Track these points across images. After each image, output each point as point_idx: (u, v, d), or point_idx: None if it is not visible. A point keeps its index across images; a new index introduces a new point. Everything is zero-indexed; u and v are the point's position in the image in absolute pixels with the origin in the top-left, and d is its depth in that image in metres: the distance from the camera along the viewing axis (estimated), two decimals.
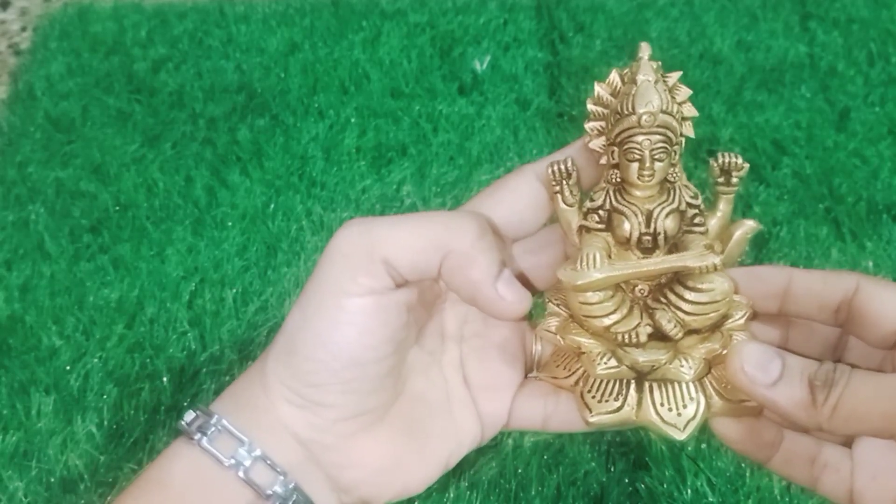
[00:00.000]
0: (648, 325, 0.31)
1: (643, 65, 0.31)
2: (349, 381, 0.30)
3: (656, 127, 0.30)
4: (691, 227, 0.32)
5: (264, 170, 0.71)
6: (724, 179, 0.33)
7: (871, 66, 0.79)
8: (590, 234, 0.32)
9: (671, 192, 0.32)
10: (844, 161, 0.71)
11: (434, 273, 0.30)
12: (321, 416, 0.30)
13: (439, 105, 0.76)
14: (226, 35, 0.83)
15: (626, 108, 0.30)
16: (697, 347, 0.32)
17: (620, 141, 0.31)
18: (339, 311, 0.29)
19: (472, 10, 0.85)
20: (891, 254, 0.64)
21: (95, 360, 0.59)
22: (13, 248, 0.66)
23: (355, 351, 0.29)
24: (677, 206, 0.32)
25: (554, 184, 0.32)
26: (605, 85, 0.32)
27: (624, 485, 0.53)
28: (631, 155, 0.30)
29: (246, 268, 0.64)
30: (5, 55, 0.86)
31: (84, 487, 0.53)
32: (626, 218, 0.31)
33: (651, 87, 0.31)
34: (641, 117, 0.30)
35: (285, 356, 0.30)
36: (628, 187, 0.31)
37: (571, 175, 0.32)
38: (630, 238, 0.31)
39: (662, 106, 0.30)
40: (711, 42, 0.81)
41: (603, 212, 0.32)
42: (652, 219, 0.31)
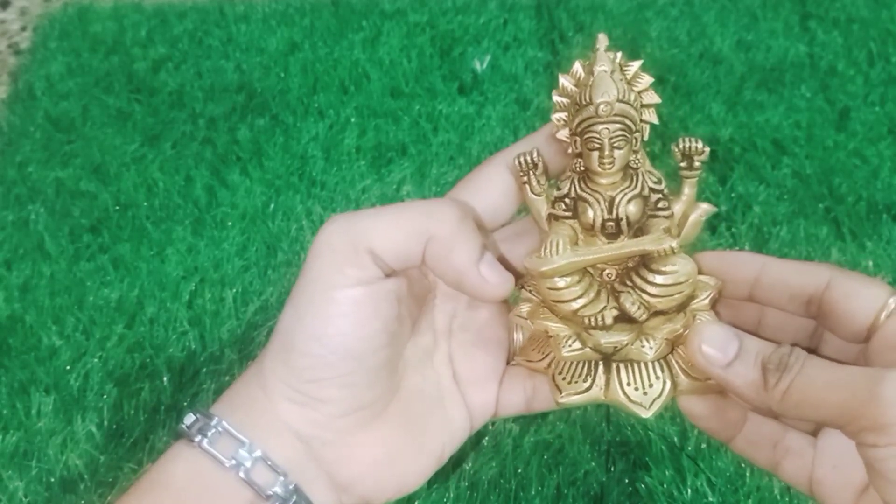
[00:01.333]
0: (614, 308, 0.32)
1: (600, 56, 0.32)
2: (347, 375, 0.30)
3: (614, 116, 0.31)
4: (655, 211, 0.33)
5: (264, 169, 0.71)
6: (686, 164, 0.34)
7: (870, 66, 0.79)
8: (557, 222, 0.33)
9: (634, 178, 0.33)
10: (844, 161, 0.71)
11: (418, 260, 0.31)
12: (321, 412, 0.30)
13: (439, 105, 0.76)
14: (226, 35, 0.83)
15: (584, 99, 0.31)
16: (660, 328, 0.33)
17: (581, 131, 0.32)
18: (331, 303, 0.30)
19: (472, 10, 0.85)
20: (891, 253, 0.64)
21: (95, 359, 0.59)
22: (13, 248, 0.66)
23: (350, 342, 0.30)
24: (640, 191, 0.33)
25: (521, 174, 0.33)
26: (569, 76, 0.33)
27: (624, 485, 0.53)
28: (591, 144, 0.31)
29: (246, 267, 0.64)
30: (5, 55, 0.86)
31: (84, 487, 0.53)
32: (590, 205, 0.32)
33: (607, 78, 0.31)
34: (599, 107, 0.31)
35: (282, 354, 0.30)
36: (591, 175, 0.32)
37: (537, 165, 0.33)
38: (594, 224, 0.32)
39: (619, 95, 0.31)
40: (711, 42, 0.81)
41: (569, 200, 0.33)
42: (614, 205, 0.32)
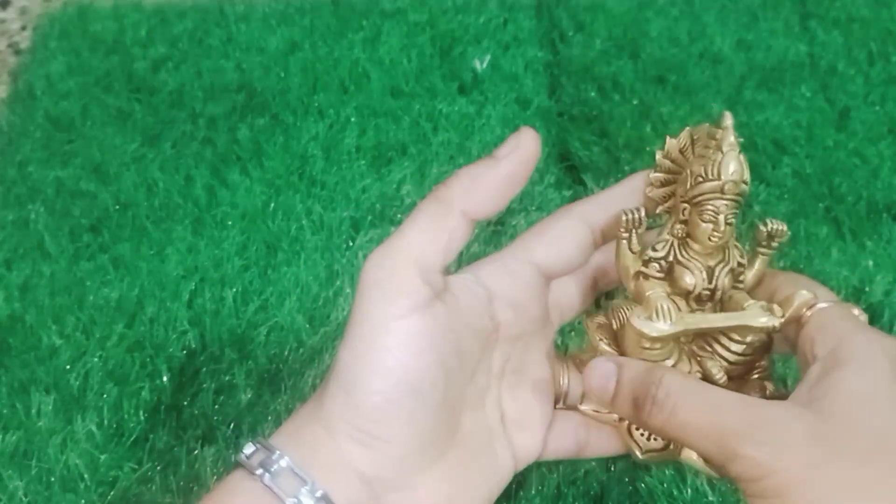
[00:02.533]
0: (698, 371, 0.34)
1: (730, 133, 0.33)
2: (410, 411, 0.30)
3: (735, 194, 0.33)
4: (736, 283, 0.35)
5: (264, 169, 0.71)
6: (766, 243, 0.35)
7: (871, 66, 0.79)
8: (648, 282, 0.34)
9: (726, 252, 0.34)
10: (844, 160, 0.71)
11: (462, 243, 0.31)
12: (385, 453, 0.30)
13: (439, 104, 0.76)
14: (226, 34, 0.83)
15: (710, 174, 0.32)
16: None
17: (697, 202, 0.33)
18: (388, 336, 0.29)
19: (472, 10, 0.85)
20: (891, 253, 0.64)
21: (95, 359, 0.59)
22: (13, 248, 0.66)
23: (411, 374, 0.29)
24: (732, 264, 0.34)
25: (623, 231, 0.34)
26: (677, 141, 0.35)
27: (624, 484, 0.53)
28: (706, 216, 0.33)
29: (246, 267, 0.64)
30: (5, 54, 0.86)
31: (84, 487, 0.53)
32: (691, 272, 0.34)
33: (736, 157, 0.32)
34: (726, 185, 0.32)
35: (343, 394, 0.30)
36: (692, 243, 0.34)
37: (642, 224, 0.34)
38: (692, 291, 0.34)
39: (744, 176, 0.33)
40: (711, 41, 0.81)
41: (665, 262, 0.34)
42: (714, 276, 0.34)
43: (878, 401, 0.27)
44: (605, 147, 0.72)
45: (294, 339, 0.60)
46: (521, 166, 0.33)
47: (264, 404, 0.57)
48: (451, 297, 0.32)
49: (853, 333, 0.30)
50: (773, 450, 0.27)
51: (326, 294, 0.63)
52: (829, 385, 0.28)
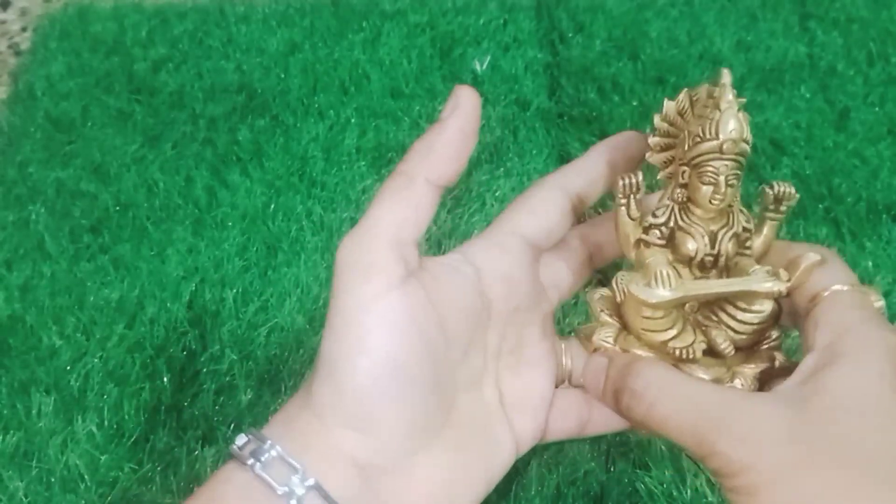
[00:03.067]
0: (703, 342, 0.32)
1: (727, 91, 0.32)
2: (397, 391, 0.29)
3: (735, 154, 0.31)
4: (743, 249, 0.33)
5: (264, 170, 0.71)
6: (774, 207, 0.34)
7: (870, 67, 0.79)
8: (650, 249, 0.33)
9: (730, 216, 0.33)
10: (844, 161, 0.71)
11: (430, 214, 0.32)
12: (376, 436, 0.29)
13: (439, 105, 0.76)
14: (226, 35, 0.84)
15: (708, 133, 0.31)
16: (748, 366, 0.33)
17: (696, 164, 0.32)
18: (367, 315, 0.29)
19: (472, 11, 0.85)
20: (890, 254, 0.64)
21: (96, 360, 0.59)
22: (13, 248, 0.66)
23: (394, 353, 0.29)
24: (736, 229, 0.33)
25: (622, 197, 0.33)
26: (675, 103, 0.33)
27: (624, 485, 0.53)
28: (706, 178, 0.31)
29: (246, 268, 0.65)
30: (5, 55, 0.87)
31: (84, 487, 0.53)
32: (693, 237, 0.32)
33: (734, 115, 0.32)
34: (724, 144, 0.31)
35: (329, 379, 0.30)
36: (693, 207, 0.32)
37: (640, 190, 0.33)
38: (694, 257, 0.32)
39: (743, 134, 0.32)
40: (711, 42, 0.81)
41: (666, 228, 0.33)
42: (716, 240, 0.32)
43: (868, 405, 0.27)
44: None
45: (294, 340, 0.60)
46: (467, 121, 0.33)
47: (264, 405, 0.57)
48: (430, 276, 0.31)
49: (858, 327, 0.29)
50: (750, 448, 0.26)
51: (327, 295, 0.63)
52: (820, 383, 0.27)
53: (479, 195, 0.69)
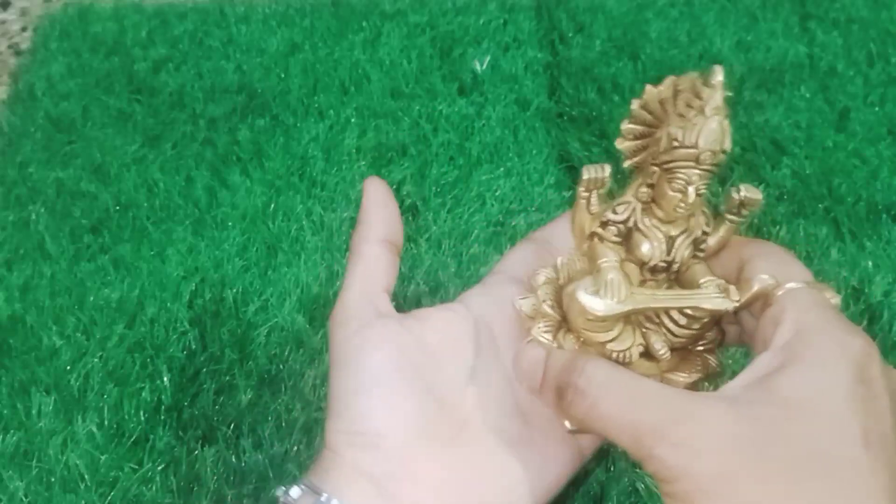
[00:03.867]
0: (641, 345, 0.31)
1: (717, 95, 0.29)
2: (389, 397, 0.31)
3: (710, 164, 0.30)
4: (697, 252, 0.32)
5: (264, 170, 0.71)
6: (737, 211, 0.32)
7: (870, 67, 0.79)
8: (603, 245, 0.32)
9: (692, 220, 0.32)
10: (844, 161, 0.71)
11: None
12: (383, 446, 0.31)
13: (439, 105, 0.76)
14: (226, 35, 0.84)
15: (687, 140, 0.29)
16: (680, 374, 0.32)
17: (668, 168, 0.30)
18: (349, 348, 0.32)
19: (472, 11, 0.85)
20: (890, 254, 0.64)
21: (96, 360, 0.59)
22: (13, 248, 0.66)
23: (377, 361, 0.31)
24: (696, 234, 0.32)
25: (584, 190, 0.32)
26: (657, 91, 0.31)
27: (624, 484, 0.53)
28: (676, 185, 0.30)
29: (246, 268, 0.65)
30: (5, 55, 0.87)
31: (84, 487, 0.53)
32: (649, 241, 0.31)
33: (720, 124, 0.29)
34: (702, 154, 0.29)
35: (332, 412, 0.32)
36: (656, 209, 0.31)
37: (605, 185, 0.32)
38: (648, 262, 0.31)
39: (724, 145, 0.29)
40: (711, 42, 0.81)
41: (624, 227, 0.32)
42: (673, 247, 0.31)
43: (818, 412, 0.25)
44: (604, 148, 0.72)
45: (294, 340, 0.60)
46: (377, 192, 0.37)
47: (264, 405, 0.57)
48: (413, 316, 0.34)
49: (816, 328, 0.27)
50: (687, 453, 0.25)
51: (327, 295, 0.63)
52: (772, 385, 0.26)
53: (479, 195, 0.69)
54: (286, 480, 0.33)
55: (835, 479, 0.24)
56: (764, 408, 0.25)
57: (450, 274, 0.64)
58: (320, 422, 0.56)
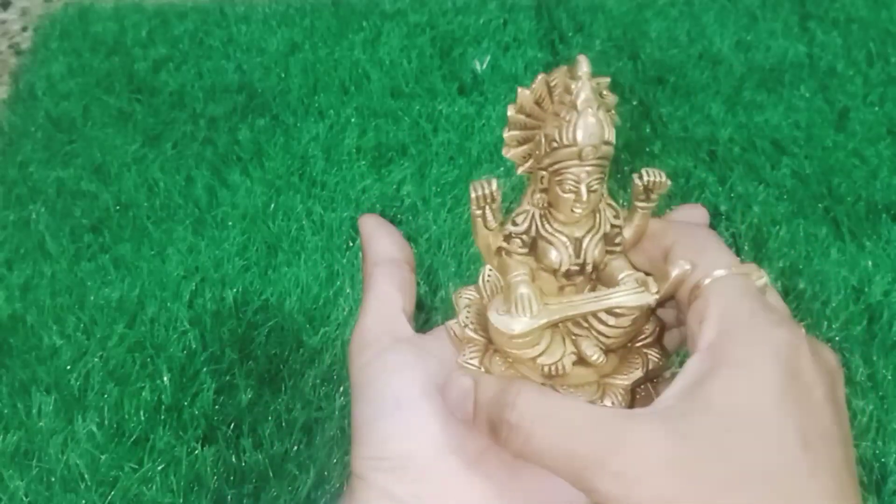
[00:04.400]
0: (573, 353, 0.30)
1: (584, 87, 0.28)
2: (411, 420, 0.31)
3: (596, 159, 0.28)
4: (612, 246, 0.31)
5: (265, 170, 0.71)
6: (645, 196, 0.31)
7: (870, 66, 0.79)
8: (511, 259, 0.31)
9: (596, 217, 0.30)
10: (843, 161, 0.71)
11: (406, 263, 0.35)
12: (408, 468, 0.31)
13: (439, 105, 0.76)
14: (226, 35, 0.84)
15: (565, 138, 0.28)
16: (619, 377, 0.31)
17: (555, 170, 0.29)
18: (368, 375, 0.32)
19: (472, 11, 0.85)
20: (890, 253, 0.64)
21: (96, 359, 0.59)
22: (14, 248, 0.66)
23: (397, 385, 0.31)
24: (603, 231, 0.30)
25: (476, 209, 0.30)
26: (530, 92, 0.29)
27: None
28: (566, 186, 0.29)
29: (246, 267, 0.65)
30: (6, 55, 0.87)
31: (84, 487, 0.53)
32: (555, 248, 0.30)
33: (593, 116, 0.28)
34: (583, 150, 0.28)
35: (355, 441, 0.32)
36: (555, 213, 0.30)
37: (495, 199, 0.30)
38: (559, 269, 0.30)
39: (604, 136, 0.28)
40: (711, 42, 0.81)
41: (527, 237, 0.30)
42: (582, 249, 0.30)
43: (754, 421, 0.24)
44: None
45: (294, 340, 0.60)
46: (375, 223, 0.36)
47: (265, 404, 0.57)
48: (422, 338, 0.34)
49: (742, 324, 0.26)
50: (626, 483, 0.24)
51: (327, 294, 0.63)
52: (703, 394, 0.25)
53: None
54: (286, 480, 0.32)
55: (773, 490, 0.24)
56: (697, 421, 0.25)
57: (450, 274, 0.64)
58: (320, 421, 0.56)
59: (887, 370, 0.58)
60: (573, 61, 0.28)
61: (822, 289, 0.62)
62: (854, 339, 0.60)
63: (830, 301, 0.62)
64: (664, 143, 0.72)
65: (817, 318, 0.61)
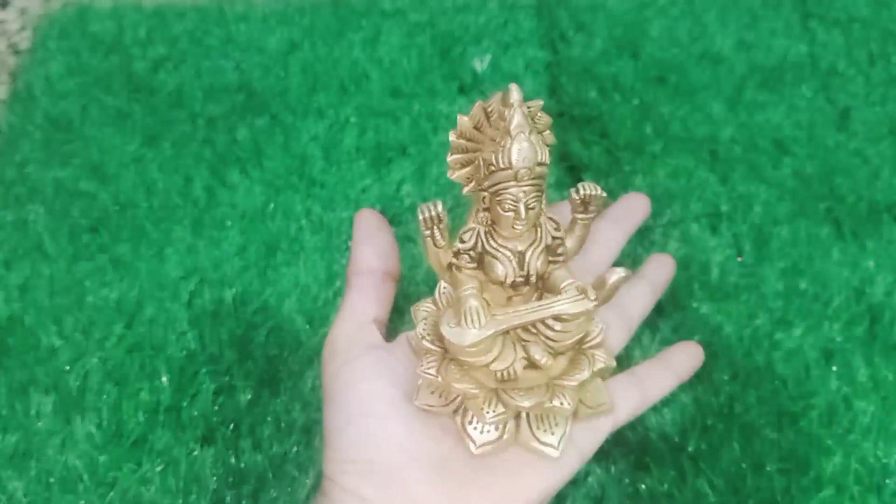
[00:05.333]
0: (523, 358, 0.32)
1: (516, 114, 0.30)
2: (378, 425, 0.32)
3: (531, 179, 0.31)
4: (555, 257, 0.33)
5: (264, 169, 0.71)
6: (583, 209, 0.33)
7: (871, 66, 0.79)
8: (461, 274, 0.33)
9: (537, 230, 0.33)
10: (845, 161, 0.71)
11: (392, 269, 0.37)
12: (377, 470, 0.32)
13: (439, 105, 0.76)
14: (225, 34, 0.83)
15: (501, 162, 0.30)
16: (568, 378, 0.33)
17: (494, 191, 0.31)
18: (338, 383, 0.34)
19: (472, 10, 0.85)
20: (892, 253, 0.64)
21: (95, 360, 0.59)
22: (12, 248, 0.66)
23: (366, 392, 0.33)
24: (545, 243, 0.33)
25: (425, 229, 0.33)
26: (469, 118, 0.32)
27: (624, 485, 0.53)
28: (506, 206, 0.31)
29: (245, 267, 0.64)
30: (4, 55, 0.86)
31: (83, 487, 0.53)
32: (500, 262, 0.32)
33: (525, 140, 0.30)
34: (518, 172, 0.30)
35: (326, 445, 0.33)
36: (499, 229, 0.32)
37: (442, 220, 0.33)
38: (504, 281, 0.32)
39: (538, 158, 0.30)
40: (712, 41, 0.81)
41: (475, 253, 0.33)
42: (525, 261, 0.32)
43: None
44: (605, 147, 0.72)
45: (293, 340, 0.60)
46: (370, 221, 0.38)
47: (264, 405, 0.57)
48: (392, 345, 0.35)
49: None
50: None
51: (326, 295, 0.62)
52: None
53: None
54: (285, 482, 0.33)
55: None
56: None
57: None
58: (320, 422, 0.56)
59: (889, 371, 0.57)
60: (505, 88, 0.31)
61: (823, 289, 0.62)
62: (856, 339, 0.59)
63: (832, 301, 0.61)
64: (665, 142, 0.72)
65: (818, 319, 0.61)
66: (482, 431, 0.33)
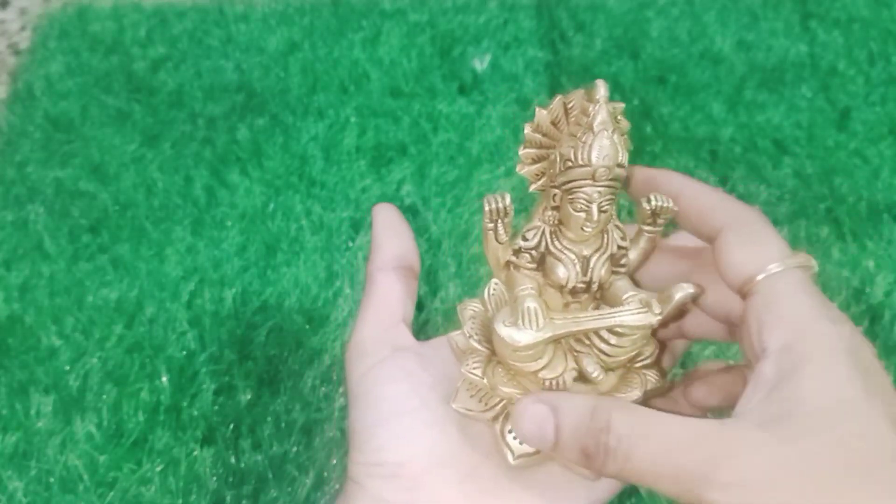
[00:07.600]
0: (574, 369, 0.31)
1: (601, 110, 0.29)
2: (408, 428, 0.31)
3: (608, 180, 0.29)
4: (617, 267, 0.32)
5: (264, 169, 0.71)
6: (652, 221, 0.32)
7: (871, 66, 0.79)
8: (519, 273, 0.31)
9: (604, 237, 0.31)
10: (845, 161, 0.71)
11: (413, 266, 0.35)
12: (403, 475, 0.31)
13: (439, 105, 0.76)
14: (225, 34, 0.83)
15: (580, 158, 0.29)
16: (618, 395, 0.32)
17: (567, 189, 0.30)
18: (366, 382, 0.32)
19: (473, 10, 0.85)
20: (892, 253, 0.64)
21: (95, 360, 0.59)
22: (12, 248, 0.66)
23: (396, 394, 0.32)
24: (610, 251, 0.31)
25: (489, 222, 0.31)
26: (547, 112, 0.31)
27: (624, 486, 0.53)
28: (578, 205, 0.30)
29: (245, 267, 0.64)
30: (4, 55, 0.86)
31: (83, 488, 0.53)
32: (563, 265, 0.31)
33: (608, 138, 0.29)
34: (597, 171, 0.29)
35: (353, 445, 0.32)
36: (565, 230, 0.31)
37: (508, 214, 0.31)
38: (566, 285, 0.31)
39: (618, 159, 0.29)
40: (712, 41, 0.81)
41: (536, 252, 0.31)
42: (589, 267, 0.31)
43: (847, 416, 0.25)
44: None
45: (293, 340, 0.60)
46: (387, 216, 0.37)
47: (263, 405, 0.57)
48: (419, 349, 0.34)
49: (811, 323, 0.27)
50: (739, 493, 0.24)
51: (326, 295, 0.62)
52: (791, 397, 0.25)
53: (479, 194, 0.69)
54: (285, 482, 0.33)
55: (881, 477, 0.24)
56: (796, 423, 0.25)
57: (450, 274, 0.64)
58: (319, 423, 0.56)
59: (889, 371, 0.57)
60: (592, 85, 0.29)
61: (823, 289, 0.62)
62: None
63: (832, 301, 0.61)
64: (665, 142, 0.72)
65: None
66: (522, 442, 0.31)
